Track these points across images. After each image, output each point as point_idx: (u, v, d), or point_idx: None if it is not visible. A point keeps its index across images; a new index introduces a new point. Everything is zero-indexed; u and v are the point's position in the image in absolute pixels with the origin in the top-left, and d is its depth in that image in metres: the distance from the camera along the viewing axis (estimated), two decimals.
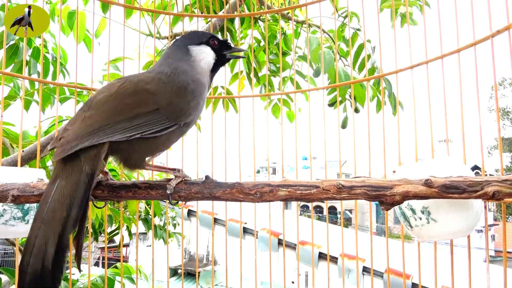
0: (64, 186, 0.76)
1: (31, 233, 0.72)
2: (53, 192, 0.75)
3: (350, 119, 2.07)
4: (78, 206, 0.75)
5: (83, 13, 1.92)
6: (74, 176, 0.77)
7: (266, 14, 1.73)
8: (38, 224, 0.72)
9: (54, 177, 0.78)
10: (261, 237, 5.17)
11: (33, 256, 0.70)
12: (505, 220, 1.12)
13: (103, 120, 0.81)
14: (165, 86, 0.88)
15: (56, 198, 0.75)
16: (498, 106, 1.14)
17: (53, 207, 0.74)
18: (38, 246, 0.71)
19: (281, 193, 0.88)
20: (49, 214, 0.73)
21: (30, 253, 0.71)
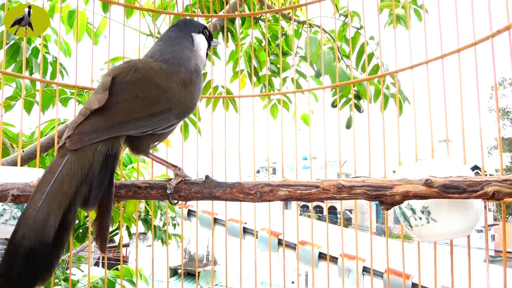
0: (75, 161, 0.73)
1: (29, 205, 0.68)
2: (62, 166, 0.72)
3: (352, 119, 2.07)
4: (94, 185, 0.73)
5: (84, 13, 1.92)
6: (88, 154, 0.74)
7: (267, 14, 1.73)
8: (39, 196, 0.68)
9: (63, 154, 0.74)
10: (261, 237, 5.17)
11: (30, 229, 0.65)
12: (505, 220, 1.12)
13: (122, 116, 0.80)
14: (174, 79, 0.89)
15: (65, 172, 0.71)
16: (498, 106, 1.14)
17: (60, 180, 0.70)
18: (38, 218, 0.66)
19: (281, 193, 0.88)
20: (55, 187, 0.69)
21: (27, 225, 0.65)
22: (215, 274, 5.47)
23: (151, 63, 0.90)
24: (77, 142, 0.74)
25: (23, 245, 0.64)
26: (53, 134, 1.76)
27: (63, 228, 0.68)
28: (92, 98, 0.81)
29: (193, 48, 1.01)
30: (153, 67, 0.89)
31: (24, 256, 0.64)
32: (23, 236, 0.65)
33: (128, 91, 0.83)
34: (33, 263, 0.64)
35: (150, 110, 0.83)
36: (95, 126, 0.77)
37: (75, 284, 2.08)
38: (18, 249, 0.64)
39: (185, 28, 1.02)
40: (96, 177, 0.74)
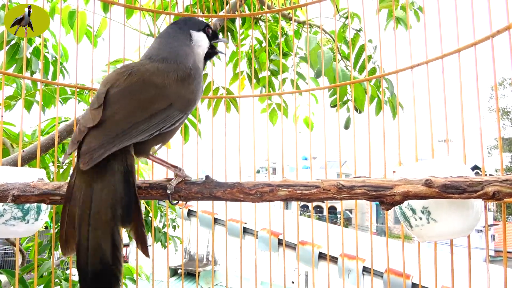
0: (101, 189, 0.76)
1: (81, 236, 0.74)
2: (92, 196, 0.76)
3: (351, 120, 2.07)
4: (124, 204, 0.76)
5: (84, 13, 1.92)
6: (110, 177, 0.77)
7: (267, 14, 1.73)
8: (85, 227, 0.74)
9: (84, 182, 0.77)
10: (261, 237, 5.17)
11: (90, 257, 0.73)
12: (505, 220, 1.12)
13: (125, 124, 0.80)
14: (171, 76, 0.88)
15: (98, 200, 0.75)
16: (498, 106, 1.14)
17: (97, 211, 0.75)
18: (93, 247, 0.73)
19: (281, 193, 0.88)
20: (95, 218, 0.74)
21: (86, 255, 0.73)
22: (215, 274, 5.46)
23: (147, 65, 0.90)
24: (89, 160, 0.76)
25: (89, 271, 0.73)
26: (53, 134, 1.76)
27: (115, 247, 0.74)
28: (88, 114, 0.82)
29: (191, 45, 1.00)
30: (148, 68, 0.88)
31: (93, 278, 0.73)
32: (86, 263, 0.73)
33: (124, 97, 0.83)
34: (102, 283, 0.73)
35: (149, 111, 0.83)
36: (100, 140, 0.77)
37: (75, 284, 2.08)
38: (86, 275, 0.73)
39: (184, 26, 1.02)
40: (124, 195, 0.77)
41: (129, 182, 0.78)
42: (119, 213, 0.75)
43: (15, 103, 1.80)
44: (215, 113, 1.93)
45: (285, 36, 2.31)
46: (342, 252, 1.35)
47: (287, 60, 2.31)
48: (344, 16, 2.13)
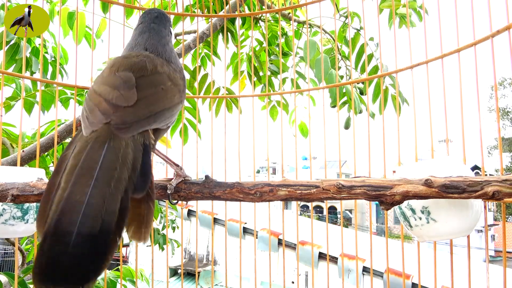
0: (119, 147, 0.70)
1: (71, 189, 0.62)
2: (104, 151, 0.68)
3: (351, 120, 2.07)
4: (140, 172, 0.70)
5: (83, 14, 1.92)
6: (129, 142, 0.72)
7: (267, 14, 1.73)
8: (86, 181, 0.63)
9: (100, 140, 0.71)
10: (261, 237, 5.17)
11: (84, 216, 0.60)
12: (505, 220, 1.12)
13: (155, 107, 0.80)
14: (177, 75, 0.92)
15: (112, 158, 0.68)
16: (498, 106, 1.14)
17: (108, 166, 0.66)
18: (94, 204, 0.61)
19: (281, 192, 0.88)
20: (104, 173, 0.65)
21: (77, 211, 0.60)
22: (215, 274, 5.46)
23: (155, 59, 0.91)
24: (126, 129, 0.73)
25: (80, 233, 0.58)
26: (53, 134, 1.76)
27: (122, 212, 0.64)
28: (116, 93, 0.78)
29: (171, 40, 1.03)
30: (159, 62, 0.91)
31: (80, 245, 0.58)
32: (73, 223, 0.59)
33: (153, 85, 0.84)
34: (92, 253, 0.59)
35: (173, 101, 0.85)
36: (136, 117, 0.76)
37: None
38: (68, 238, 0.58)
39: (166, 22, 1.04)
40: (141, 165, 0.71)
41: (147, 153, 0.75)
42: (134, 179, 0.68)
43: (15, 103, 1.80)
44: (217, 113, 1.93)
45: (285, 36, 2.31)
46: (342, 252, 1.35)
47: (287, 60, 2.31)
48: (344, 15, 2.13)
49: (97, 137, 0.72)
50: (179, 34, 2.13)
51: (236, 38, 2.15)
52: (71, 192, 0.63)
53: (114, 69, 0.85)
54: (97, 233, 0.59)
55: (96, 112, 0.76)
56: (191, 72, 2.09)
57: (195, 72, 2.07)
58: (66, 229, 0.59)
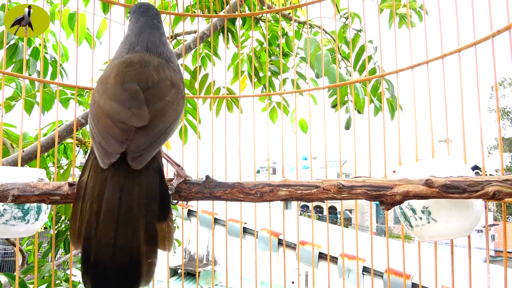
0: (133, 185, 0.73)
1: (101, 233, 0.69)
2: (122, 192, 0.72)
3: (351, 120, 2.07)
4: (157, 200, 0.74)
5: (83, 15, 1.92)
6: (144, 173, 0.75)
7: (267, 14, 1.73)
8: (110, 225, 0.70)
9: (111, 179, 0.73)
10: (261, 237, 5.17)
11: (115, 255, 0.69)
12: (506, 220, 1.12)
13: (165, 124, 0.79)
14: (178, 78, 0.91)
15: (129, 199, 0.72)
16: (498, 106, 1.14)
17: (129, 206, 0.71)
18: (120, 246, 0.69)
19: (281, 193, 0.88)
20: (127, 213, 0.71)
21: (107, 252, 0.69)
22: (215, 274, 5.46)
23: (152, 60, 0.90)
24: (141, 160, 0.73)
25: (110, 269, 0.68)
26: (53, 134, 1.76)
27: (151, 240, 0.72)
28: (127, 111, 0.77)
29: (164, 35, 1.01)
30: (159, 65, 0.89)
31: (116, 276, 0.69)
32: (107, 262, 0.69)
33: (159, 98, 0.82)
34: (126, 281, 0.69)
35: (178, 111, 0.84)
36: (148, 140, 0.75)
37: (76, 285, 2.08)
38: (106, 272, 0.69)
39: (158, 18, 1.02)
40: (159, 190, 0.75)
41: (162, 178, 0.77)
42: (155, 209, 0.73)
43: (15, 103, 1.80)
44: (218, 113, 1.93)
45: (286, 36, 2.31)
46: (342, 252, 1.35)
47: (287, 61, 2.31)
48: (344, 16, 2.14)
49: (113, 176, 0.74)
50: (179, 34, 2.13)
51: (236, 38, 2.15)
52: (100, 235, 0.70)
53: (119, 79, 0.82)
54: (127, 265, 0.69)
55: (109, 139, 0.74)
56: (191, 72, 2.09)
57: (195, 73, 2.07)
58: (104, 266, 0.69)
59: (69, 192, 0.89)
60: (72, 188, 0.89)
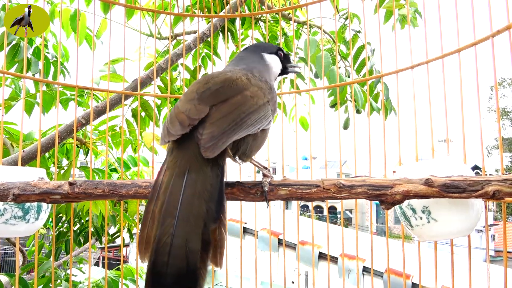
0: (196, 179, 0.72)
1: (161, 233, 0.67)
2: (184, 186, 0.71)
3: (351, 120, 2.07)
4: (216, 200, 0.72)
5: (84, 15, 1.92)
6: (208, 169, 0.74)
7: (267, 14, 1.73)
8: (171, 221, 0.67)
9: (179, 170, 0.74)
10: (261, 237, 5.17)
11: (172, 256, 0.65)
12: (506, 220, 1.12)
13: (240, 113, 0.81)
14: (261, 81, 0.94)
15: (191, 193, 0.71)
16: (498, 106, 1.14)
17: (188, 202, 0.69)
18: (178, 245, 0.65)
19: (281, 192, 0.88)
20: (185, 210, 0.69)
21: (166, 253, 0.65)
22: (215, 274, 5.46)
23: (236, 71, 0.94)
24: (214, 148, 0.74)
25: (168, 273, 0.65)
26: (53, 134, 1.76)
27: (205, 246, 0.68)
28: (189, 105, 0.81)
29: (265, 64, 1.07)
30: (241, 73, 0.93)
31: (174, 283, 0.64)
32: (165, 265, 0.65)
33: (232, 90, 0.85)
34: None
35: (258, 104, 0.85)
36: (221, 128, 0.77)
37: (76, 284, 2.08)
38: (162, 278, 0.65)
39: (255, 49, 1.10)
40: (218, 191, 0.74)
41: (222, 178, 0.76)
42: (212, 209, 0.71)
43: (15, 103, 1.80)
44: None
45: (285, 36, 2.32)
46: (342, 252, 1.35)
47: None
48: (343, 16, 2.14)
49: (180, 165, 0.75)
50: (179, 35, 2.13)
51: (236, 38, 2.15)
52: (161, 233, 0.67)
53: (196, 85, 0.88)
54: (184, 272, 0.65)
55: (175, 123, 0.79)
56: (191, 72, 2.09)
57: (195, 72, 2.07)
58: (160, 269, 0.65)
59: (70, 191, 0.89)
60: (72, 187, 0.89)
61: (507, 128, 21.54)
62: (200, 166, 0.74)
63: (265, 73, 1.02)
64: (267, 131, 0.92)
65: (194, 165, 0.74)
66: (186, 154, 0.76)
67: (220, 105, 0.81)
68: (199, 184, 0.72)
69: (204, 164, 0.75)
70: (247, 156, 0.89)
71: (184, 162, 0.75)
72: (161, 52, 2.15)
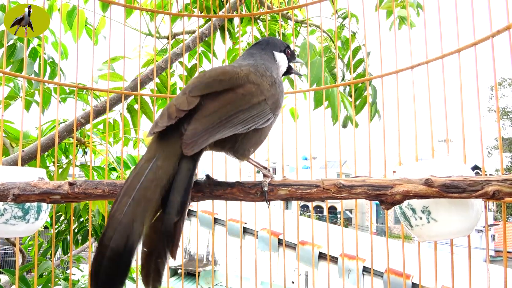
0: (160, 166, 0.73)
1: (117, 207, 0.69)
2: (147, 171, 0.72)
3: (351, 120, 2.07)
4: (181, 193, 0.72)
5: (83, 12, 1.92)
6: (178, 161, 0.74)
7: (266, 14, 1.73)
8: (126, 200, 0.69)
9: (150, 156, 0.75)
10: (261, 237, 5.17)
11: (117, 232, 0.67)
12: (506, 220, 1.12)
13: (228, 110, 0.80)
14: (263, 79, 0.92)
15: (151, 178, 0.72)
16: (498, 106, 1.14)
17: (146, 186, 0.71)
18: (124, 223, 0.67)
19: (281, 192, 0.88)
20: (140, 192, 0.70)
21: (113, 228, 0.67)
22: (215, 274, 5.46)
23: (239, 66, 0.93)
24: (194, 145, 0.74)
25: (110, 247, 0.66)
26: (53, 134, 1.76)
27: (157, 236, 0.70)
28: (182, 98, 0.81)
29: (274, 62, 1.06)
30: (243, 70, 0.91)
31: (110, 258, 0.66)
32: (110, 238, 0.67)
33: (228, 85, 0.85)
34: (116, 267, 0.66)
35: (250, 102, 0.84)
36: (205, 125, 0.77)
37: (74, 283, 2.08)
38: (105, 250, 0.66)
39: (267, 46, 1.08)
40: (184, 185, 0.74)
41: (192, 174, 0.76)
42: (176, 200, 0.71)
43: (14, 102, 1.80)
44: None
45: (283, 36, 2.32)
46: (342, 252, 1.35)
47: None
48: (341, 16, 2.14)
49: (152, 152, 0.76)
50: (178, 34, 2.13)
51: (234, 37, 2.15)
52: (116, 209, 0.69)
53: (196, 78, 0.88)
54: (122, 249, 0.66)
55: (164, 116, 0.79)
56: (188, 70, 2.09)
57: (192, 70, 2.07)
58: (106, 242, 0.67)
59: (69, 191, 0.89)
60: (72, 188, 0.89)
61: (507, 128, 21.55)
62: (171, 155, 0.75)
63: (273, 70, 1.02)
64: (264, 129, 0.90)
65: (166, 153, 0.75)
66: (165, 143, 0.77)
67: (210, 101, 0.81)
68: (161, 171, 0.73)
69: (176, 155, 0.75)
70: (240, 154, 0.88)
71: (159, 150, 0.76)
72: (159, 51, 2.14)
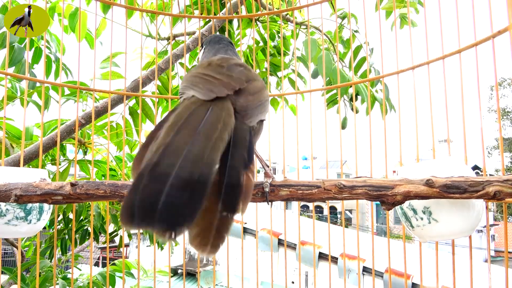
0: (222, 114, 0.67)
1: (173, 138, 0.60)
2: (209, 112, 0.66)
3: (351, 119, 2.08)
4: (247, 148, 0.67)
5: (84, 13, 1.92)
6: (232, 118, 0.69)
7: (267, 15, 1.73)
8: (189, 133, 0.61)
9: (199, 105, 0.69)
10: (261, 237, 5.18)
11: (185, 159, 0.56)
12: (506, 220, 1.12)
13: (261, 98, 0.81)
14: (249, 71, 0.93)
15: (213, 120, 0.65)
16: (499, 106, 1.14)
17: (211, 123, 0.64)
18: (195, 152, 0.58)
19: (282, 192, 0.88)
20: (207, 127, 0.63)
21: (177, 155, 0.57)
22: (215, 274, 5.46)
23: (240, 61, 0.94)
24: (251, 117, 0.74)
25: (178, 176, 0.55)
26: (53, 134, 1.76)
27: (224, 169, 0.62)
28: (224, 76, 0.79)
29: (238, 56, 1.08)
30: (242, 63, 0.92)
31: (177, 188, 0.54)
32: (171, 165, 0.55)
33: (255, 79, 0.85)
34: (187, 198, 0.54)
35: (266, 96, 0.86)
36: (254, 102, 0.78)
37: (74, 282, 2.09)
38: (166, 178, 0.54)
39: (229, 43, 1.10)
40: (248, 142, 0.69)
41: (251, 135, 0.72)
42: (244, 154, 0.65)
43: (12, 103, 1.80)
44: None
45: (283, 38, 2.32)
46: (342, 252, 1.35)
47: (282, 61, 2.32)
48: (340, 16, 2.14)
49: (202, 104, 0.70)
50: (178, 35, 2.13)
51: (233, 39, 2.15)
52: (173, 139, 0.60)
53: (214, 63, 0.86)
54: (195, 180, 0.55)
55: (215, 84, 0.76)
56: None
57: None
58: (165, 170, 0.55)
59: (71, 192, 0.89)
60: (74, 188, 0.89)
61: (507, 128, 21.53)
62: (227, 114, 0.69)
63: None
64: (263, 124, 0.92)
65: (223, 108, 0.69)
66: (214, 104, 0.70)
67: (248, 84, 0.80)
68: (224, 119, 0.66)
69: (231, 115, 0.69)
70: None
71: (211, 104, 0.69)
72: (159, 52, 2.15)
